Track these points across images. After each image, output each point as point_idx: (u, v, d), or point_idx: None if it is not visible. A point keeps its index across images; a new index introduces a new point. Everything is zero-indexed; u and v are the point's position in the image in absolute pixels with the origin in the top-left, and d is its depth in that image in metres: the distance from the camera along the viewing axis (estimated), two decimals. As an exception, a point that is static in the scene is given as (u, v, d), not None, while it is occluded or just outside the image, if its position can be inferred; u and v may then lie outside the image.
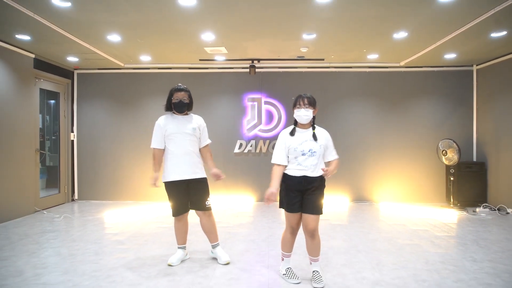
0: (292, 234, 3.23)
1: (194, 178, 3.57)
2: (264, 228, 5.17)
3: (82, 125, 7.40)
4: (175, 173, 3.55)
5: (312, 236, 3.11)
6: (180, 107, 3.58)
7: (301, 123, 3.13)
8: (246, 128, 7.21)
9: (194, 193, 3.60)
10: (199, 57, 6.54)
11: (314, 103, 3.13)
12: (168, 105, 3.65)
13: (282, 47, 5.84)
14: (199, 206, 3.62)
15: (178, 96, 3.58)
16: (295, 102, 3.14)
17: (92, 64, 6.99)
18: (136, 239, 4.60)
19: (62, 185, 7.13)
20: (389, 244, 4.36)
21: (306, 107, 3.08)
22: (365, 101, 7.19)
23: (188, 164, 3.55)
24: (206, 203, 3.62)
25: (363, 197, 7.09)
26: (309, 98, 3.12)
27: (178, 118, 3.63)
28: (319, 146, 3.07)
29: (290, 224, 3.18)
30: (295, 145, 3.07)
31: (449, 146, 6.53)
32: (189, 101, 3.64)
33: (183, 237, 3.74)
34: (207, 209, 3.63)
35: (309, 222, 3.08)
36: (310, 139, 3.08)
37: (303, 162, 3.05)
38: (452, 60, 6.55)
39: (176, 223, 3.70)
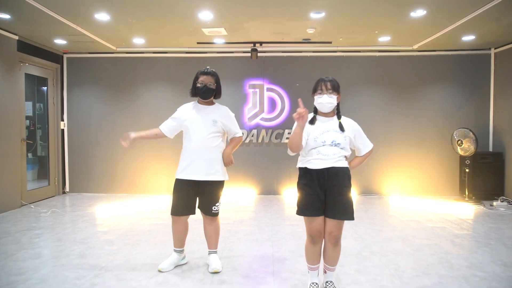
0: (314, 244, 2.66)
1: (206, 180, 3.12)
2: (267, 225, 4.77)
3: (73, 113, 6.96)
4: (185, 172, 3.13)
5: (335, 244, 2.65)
6: (204, 92, 3.11)
7: (323, 111, 2.63)
8: (247, 117, 6.76)
9: (204, 195, 3.17)
10: (197, 40, 6.06)
11: (338, 87, 2.63)
12: (193, 89, 3.19)
13: (286, 28, 5.36)
14: (205, 210, 3.20)
15: (203, 80, 3.11)
16: (316, 87, 2.63)
17: (83, 47, 6.51)
18: (128, 238, 4.19)
19: (52, 177, 6.72)
20: (405, 244, 3.96)
21: (330, 92, 2.58)
22: (374, 88, 6.72)
23: (203, 162, 3.10)
24: (213, 208, 3.18)
25: (371, 190, 6.67)
26: (332, 81, 2.61)
27: (202, 108, 3.19)
28: (344, 137, 2.59)
29: (310, 232, 2.63)
30: (315, 135, 2.59)
31: (465, 135, 6.09)
32: (216, 87, 3.17)
33: (180, 239, 3.31)
34: (213, 214, 3.21)
35: (333, 228, 2.59)
36: (333, 130, 2.60)
37: (325, 151, 2.57)
38: (469, 42, 6.06)
39: (172, 223, 3.27)
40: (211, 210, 3.18)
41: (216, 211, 3.20)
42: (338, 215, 2.57)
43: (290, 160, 6.59)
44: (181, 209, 3.19)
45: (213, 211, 3.18)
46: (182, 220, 3.25)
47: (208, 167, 3.12)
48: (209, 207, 3.18)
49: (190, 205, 3.20)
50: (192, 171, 3.11)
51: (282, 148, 6.76)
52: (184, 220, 3.27)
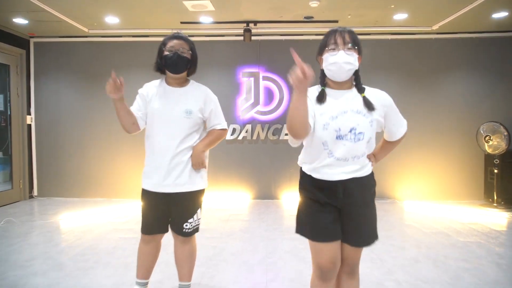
0: (325, 281, 1.77)
1: (177, 192, 2.24)
2: (262, 239, 3.89)
3: (42, 106, 6.06)
4: (150, 181, 2.26)
5: (351, 273, 1.83)
6: (175, 63, 2.19)
7: (338, 79, 1.71)
8: (241, 110, 5.87)
9: (174, 210, 2.30)
10: (180, 19, 5.17)
11: (359, 43, 1.72)
12: (158, 61, 2.27)
13: (285, 1, 4.46)
14: (175, 227, 2.33)
15: (173, 46, 2.19)
16: (326, 42, 1.71)
17: (50, 29, 5.62)
18: (84, 258, 3.31)
19: (16, 179, 5.83)
20: (437, 268, 3.08)
21: (349, 48, 1.67)
22: (387, 76, 5.81)
23: (174, 167, 2.23)
24: (184, 225, 2.29)
25: (384, 194, 5.78)
26: (352, 33, 1.71)
27: (171, 92, 2.27)
28: (370, 122, 1.69)
29: (319, 264, 1.75)
30: (325, 120, 1.68)
31: (494, 130, 5.21)
32: (191, 56, 2.26)
33: (147, 268, 2.41)
34: (185, 234, 2.31)
35: (351, 254, 1.79)
36: (353, 110, 1.69)
37: (340, 153, 1.68)
38: (500, 22, 5.17)
39: (141, 244, 2.39)
40: (182, 228, 2.29)
41: (189, 229, 2.31)
42: (359, 240, 1.75)
43: (290, 159, 5.70)
44: (154, 226, 2.32)
45: (184, 229, 2.30)
46: (154, 242, 2.38)
47: (177, 176, 2.23)
48: (180, 224, 2.29)
49: (163, 221, 2.33)
50: (157, 181, 2.23)
51: (281, 145, 5.87)
52: (158, 241, 2.41)
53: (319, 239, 1.74)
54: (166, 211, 2.31)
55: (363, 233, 1.76)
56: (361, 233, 1.76)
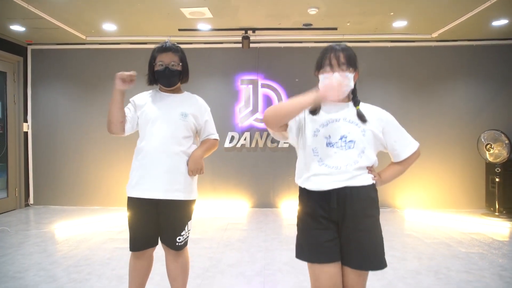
0: None
1: (167, 199, 2.16)
2: (260, 250, 3.81)
3: (39, 113, 6.00)
4: (139, 186, 2.16)
5: None
6: (167, 77, 2.20)
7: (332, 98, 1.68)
8: (240, 117, 5.82)
9: (164, 221, 2.20)
10: (178, 26, 5.14)
11: (355, 60, 1.70)
12: (150, 76, 2.27)
13: (284, 8, 4.43)
14: (166, 241, 2.24)
15: (162, 60, 2.19)
16: (322, 61, 1.69)
17: (48, 37, 5.59)
18: (78, 270, 3.23)
19: (12, 187, 5.76)
20: (439, 280, 3.00)
21: (343, 69, 1.65)
22: (387, 84, 5.78)
23: (165, 171, 2.15)
24: (177, 239, 2.20)
25: (383, 203, 5.71)
26: (347, 51, 1.68)
27: (165, 97, 2.25)
28: (362, 132, 1.67)
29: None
30: (316, 126, 1.68)
31: (495, 138, 5.15)
32: (182, 67, 2.25)
33: (138, 283, 2.31)
34: (177, 248, 2.23)
35: (353, 280, 1.65)
36: (345, 118, 1.68)
37: (330, 160, 1.65)
38: (499, 29, 5.14)
39: (132, 260, 2.29)
40: (174, 241, 2.21)
41: (181, 242, 2.23)
42: (358, 261, 1.63)
43: (289, 167, 5.64)
44: (142, 240, 2.23)
45: (177, 242, 2.22)
46: (146, 256, 2.28)
47: (170, 181, 2.16)
48: (172, 238, 2.21)
49: (153, 233, 2.24)
50: (148, 186, 2.15)
51: (280, 153, 5.81)
52: (149, 256, 2.31)
53: (316, 260, 1.65)
54: (155, 221, 2.21)
55: (365, 253, 1.62)
56: (363, 253, 1.62)
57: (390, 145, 1.76)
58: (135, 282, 2.30)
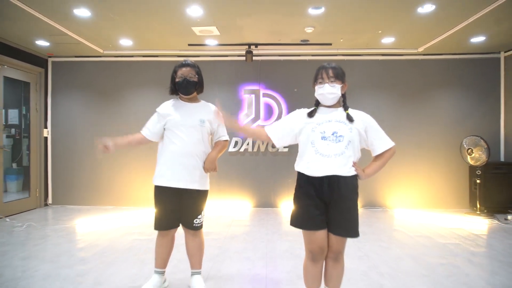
0: (315, 262, 2.27)
1: (189, 188, 2.70)
2: (262, 241, 4.31)
3: (58, 120, 6.53)
4: (165, 177, 2.70)
5: (335, 259, 2.26)
6: (185, 87, 2.74)
7: (325, 104, 2.29)
8: (243, 124, 6.34)
9: (185, 206, 2.75)
10: (188, 41, 5.68)
11: (342, 75, 2.28)
12: (172, 87, 2.82)
13: (283, 27, 4.98)
14: (186, 223, 2.78)
15: (182, 73, 2.74)
16: (316, 76, 2.30)
17: (68, 50, 6.13)
18: (104, 255, 3.73)
19: (33, 188, 6.26)
20: (417, 263, 3.50)
21: (332, 81, 2.23)
22: (377, 94, 6.32)
23: (186, 167, 2.69)
24: (194, 221, 2.75)
25: (375, 203, 6.21)
26: (335, 68, 2.27)
27: (185, 105, 2.80)
28: (349, 129, 2.20)
29: (310, 249, 2.25)
30: (313, 125, 2.24)
31: (475, 144, 5.67)
32: (198, 79, 2.80)
33: (163, 258, 2.85)
34: (194, 228, 2.77)
35: (334, 242, 2.22)
36: (336, 120, 2.23)
37: (324, 150, 2.18)
38: (478, 45, 5.69)
39: (158, 238, 2.83)
40: (192, 223, 2.75)
41: (198, 224, 2.78)
42: (339, 231, 2.19)
43: (288, 170, 6.16)
44: (166, 221, 2.76)
45: (194, 224, 2.76)
46: (170, 235, 2.82)
47: (192, 174, 2.70)
48: (191, 220, 2.75)
49: (174, 217, 2.77)
50: (172, 178, 2.69)
51: (280, 157, 6.33)
52: (172, 235, 2.84)
53: (309, 228, 2.20)
54: (177, 206, 2.74)
55: (344, 225, 2.19)
56: (343, 224, 2.19)
57: (370, 141, 2.29)
58: (160, 257, 2.82)
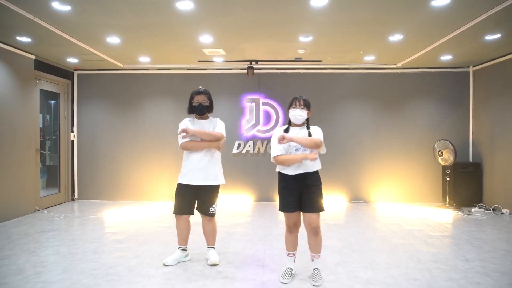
0: (291, 233, 3.31)
1: (205, 184, 3.62)
2: (261, 227, 5.24)
3: (82, 125, 7.48)
4: (187, 177, 3.63)
5: (315, 233, 3.20)
6: (200, 109, 3.67)
7: (295, 123, 3.26)
8: (245, 129, 7.28)
9: (202, 198, 3.69)
10: (197, 58, 6.61)
11: (309, 105, 3.26)
12: (189, 108, 3.74)
13: (279, 49, 5.91)
14: (203, 210, 3.72)
15: (198, 99, 3.66)
16: (291, 103, 3.26)
17: (92, 65, 7.06)
18: (136, 237, 4.67)
19: (62, 185, 7.21)
20: (383, 243, 4.43)
21: (302, 108, 3.20)
22: (362, 102, 7.26)
23: (203, 169, 3.60)
24: (210, 209, 3.70)
25: (360, 197, 7.16)
26: (305, 100, 3.25)
27: (199, 122, 3.72)
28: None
29: (288, 224, 3.28)
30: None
31: (445, 147, 6.60)
32: (209, 103, 3.72)
33: (183, 238, 3.78)
34: (210, 214, 3.72)
35: (312, 220, 3.16)
36: (303, 135, 3.19)
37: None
38: (448, 61, 6.61)
39: (177, 221, 3.76)
40: (208, 211, 3.69)
41: (212, 211, 3.71)
42: (311, 208, 3.16)
43: (284, 169, 7.10)
44: (182, 209, 3.68)
45: (209, 211, 3.70)
46: (184, 219, 3.73)
47: (207, 174, 3.62)
48: (207, 208, 3.69)
49: (190, 206, 3.70)
50: (192, 177, 3.61)
51: (277, 158, 7.26)
52: (186, 219, 3.75)
53: (287, 210, 3.22)
54: (194, 198, 3.69)
55: (315, 203, 3.16)
56: (314, 204, 3.16)
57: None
58: (181, 236, 3.77)
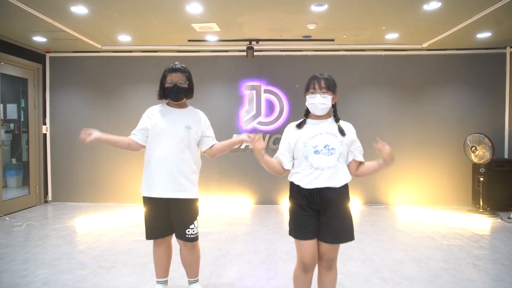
0: (306, 272, 2.24)
1: (175, 197, 2.60)
2: (263, 241, 4.27)
3: (56, 116, 6.47)
4: (150, 187, 2.61)
5: (329, 267, 2.26)
6: (175, 93, 2.61)
7: (316, 114, 2.27)
8: (244, 121, 6.26)
9: (174, 217, 2.64)
10: (187, 37, 5.57)
11: (334, 86, 2.26)
12: (161, 91, 2.69)
13: (285, 24, 4.88)
14: (178, 234, 2.68)
15: (172, 79, 2.61)
16: (308, 86, 2.29)
17: (66, 46, 6.03)
18: (104, 259, 3.69)
19: (33, 185, 6.22)
20: (420, 267, 3.46)
21: (323, 92, 2.21)
22: (380, 90, 6.23)
23: (171, 175, 2.57)
24: (187, 231, 2.63)
25: (377, 200, 6.17)
26: (327, 79, 2.25)
27: (172, 111, 2.68)
28: (340, 142, 2.19)
29: (302, 258, 2.21)
30: (305, 139, 2.21)
31: (479, 141, 5.60)
32: (188, 85, 2.67)
33: (163, 267, 2.78)
34: (189, 239, 2.66)
35: (327, 251, 2.22)
36: (327, 132, 2.21)
37: (317, 162, 2.16)
38: (484, 40, 5.58)
39: (154, 248, 2.75)
40: (185, 234, 2.64)
41: (192, 235, 2.65)
42: (330, 238, 2.19)
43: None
44: (157, 230, 2.68)
45: (187, 235, 2.64)
46: (165, 242, 2.74)
47: (177, 183, 2.59)
48: (182, 230, 2.64)
49: (166, 224, 2.67)
50: (157, 187, 2.59)
51: (281, 154, 6.27)
52: (168, 242, 2.76)
53: (302, 237, 2.19)
54: (166, 215, 2.65)
55: (338, 233, 2.18)
56: (336, 233, 2.18)
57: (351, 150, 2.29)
58: (160, 266, 2.76)
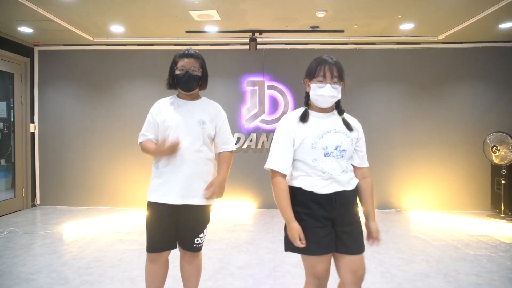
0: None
1: (188, 204, 2.20)
2: (268, 251, 3.84)
3: (45, 114, 6.03)
4: (159, 192, 2.19)
5: (358, 283, 1.85)
6: (187, 82, 2.22)
7: (321, 106, 1.87)
8: (245, 119, 5.84)
9: (183, 224, 2.24)
10: (185, 28, 5.15)
11: (343, 73, 1.86)
12: (170, 79, 2.30)
13: (291, 11, 4.45)
14: (185, 244, 2.27)
15: (183, 65, 2.23)
16: (314, 71, 1.85)
17: (55, 38, 5.61)
18: (89, 272, 3.26)
19: (19, 188, 5.80)
20: (448, 282, 3.02)
21: (334, 82, 1.82)
22: (392, 86, 5.80)
23: (184, 178, 2.18)
24: (195, 241, 2.25)
25: (389, 204, 5.73)
26: (339, 66, 1.85)
27: (183, 104, 2.28)
28: (351, 141, 1.86)
29: (316, 275, 1.83)
30: (313, 139, 1.80)
31: (501, 141, 5.17)
32: (202, 73, 2.29)
33: (156, 286, 2.36)
34: (195, 249, 2.28)
35: (357, 266, 1.82)
36: (335, 130, 1.84)
37: (328, 168, 1.79)
38: (506, 32, 5.16)
39: (148, 263, 2.29)
40: (193, 244, 2.25)
41: (199, 244, 2.28)
42: (357, 247, 1.84)
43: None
44: (160, 243, 2.24)
45: (195, 244, 2.26)
46: (163, 259, 2.30)
47: (191, 187, 2.19)
48: (191, 240, 2.25)
49: (170, 237, 2.25)
50: (168, 192, 2.18)
51: (285, 155, 5.84)
52: (165, 259, 2.32)
53: (319, 252, 1.79)
54: (174, 225, 2.24)
55: (359, 241, 1.85)
56: (357, 240, 1.84)
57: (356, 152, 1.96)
58: (155, 285, 2.32)
